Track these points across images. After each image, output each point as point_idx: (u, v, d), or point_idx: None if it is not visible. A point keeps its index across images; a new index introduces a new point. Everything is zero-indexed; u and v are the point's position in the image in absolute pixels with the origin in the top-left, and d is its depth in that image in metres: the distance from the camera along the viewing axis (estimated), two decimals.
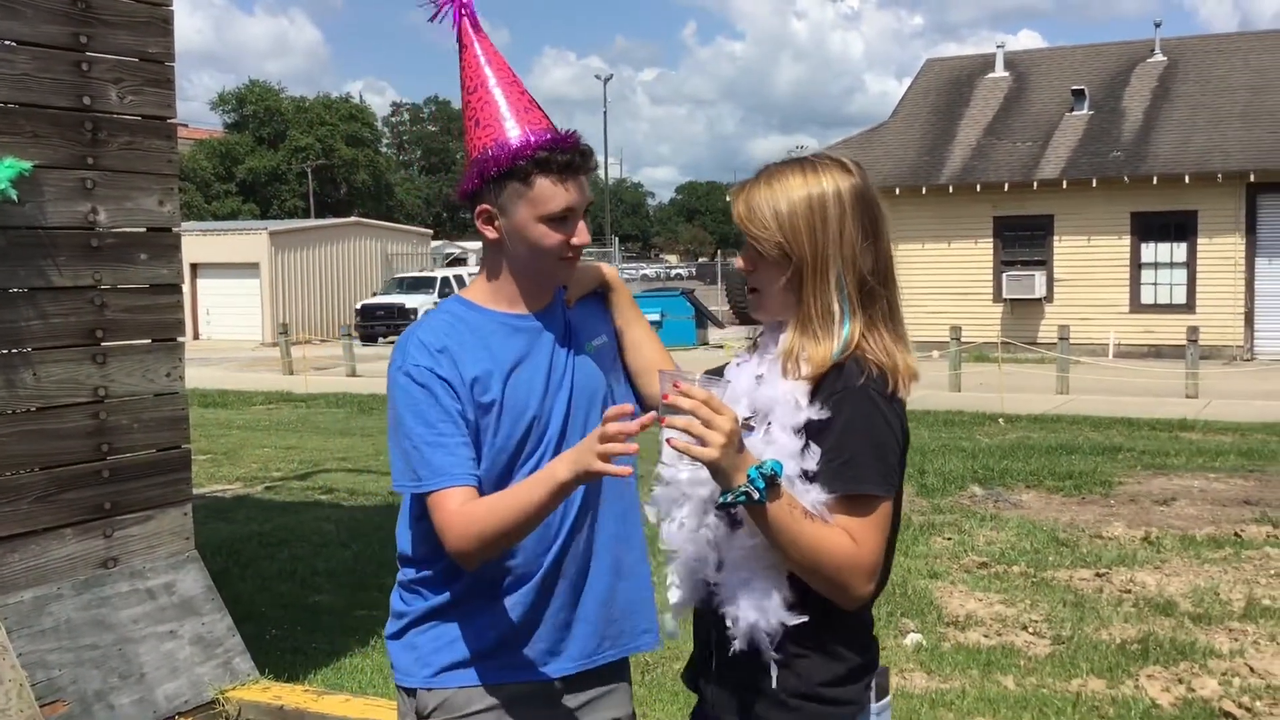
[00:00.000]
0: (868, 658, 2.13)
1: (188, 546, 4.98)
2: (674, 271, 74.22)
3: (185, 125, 64.73)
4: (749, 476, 1.87)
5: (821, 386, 2.02)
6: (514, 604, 2.26)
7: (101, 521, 4.62)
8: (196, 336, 36.58)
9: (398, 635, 2.32)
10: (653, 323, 25.78)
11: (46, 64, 4.42)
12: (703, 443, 1.85)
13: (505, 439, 2.22)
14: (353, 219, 44.64)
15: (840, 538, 1.95)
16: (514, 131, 2.21)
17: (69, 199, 4.50)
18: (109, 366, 4.61)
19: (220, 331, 37.15)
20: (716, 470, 1.88)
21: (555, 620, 2.28)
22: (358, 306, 36.16)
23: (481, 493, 2.17)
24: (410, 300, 34.20)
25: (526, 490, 2.10)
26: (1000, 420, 14.84)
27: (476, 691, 2.25)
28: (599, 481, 2.28)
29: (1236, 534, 8.31)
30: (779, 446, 1.99)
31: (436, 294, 34.02)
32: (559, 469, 2.05)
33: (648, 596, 2.43)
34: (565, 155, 2.18)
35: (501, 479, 2.21)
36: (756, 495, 1.87)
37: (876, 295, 2.07)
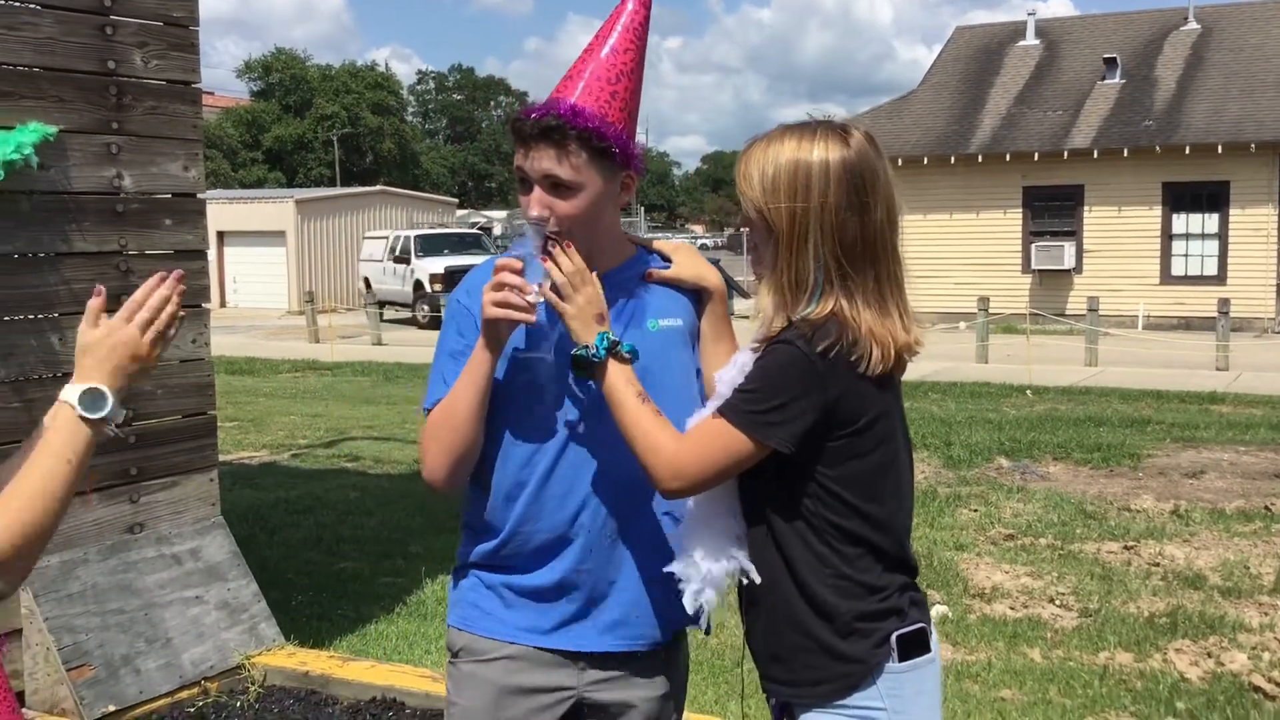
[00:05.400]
0: (872, 609, 2.08)
1: (214, 512, 4.99)
2: (700, 241, 74.01)
3: (212, 93, 64.88)
4: (597, 340, 2.11)
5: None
6: (540, 572, 2.28)
7: (128, 487, 4.63)
8: (223, 304, 36.73)
9: (454, 575, 2.44)
10: None
11: (71, 27, 4.40)
12: (565, 300, 2.12)
13: (512, 382, 2.26)
14: (378, 188, 44.62)
15: (663, 431, 2.08)
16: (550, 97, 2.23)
17: (94, 164, 4.49)
18: None
19: (246, 299, 37.29)
20: (571, 328, 2.13)
21: (581, 594, 2.28)
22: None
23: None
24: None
25: (463, 374, 2.21)
26: (1028, 392, 14.73)
27: (495, 643, 2.31)
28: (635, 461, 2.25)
29: (1267, 508, 8.23)
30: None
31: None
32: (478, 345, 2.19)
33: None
34: (524, 124, 2.19)
35: (522, 418, 2.26)
36: (593, 352, 2.11)
37: (860, 267, 2.05)
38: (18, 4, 4.27)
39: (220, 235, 35.87)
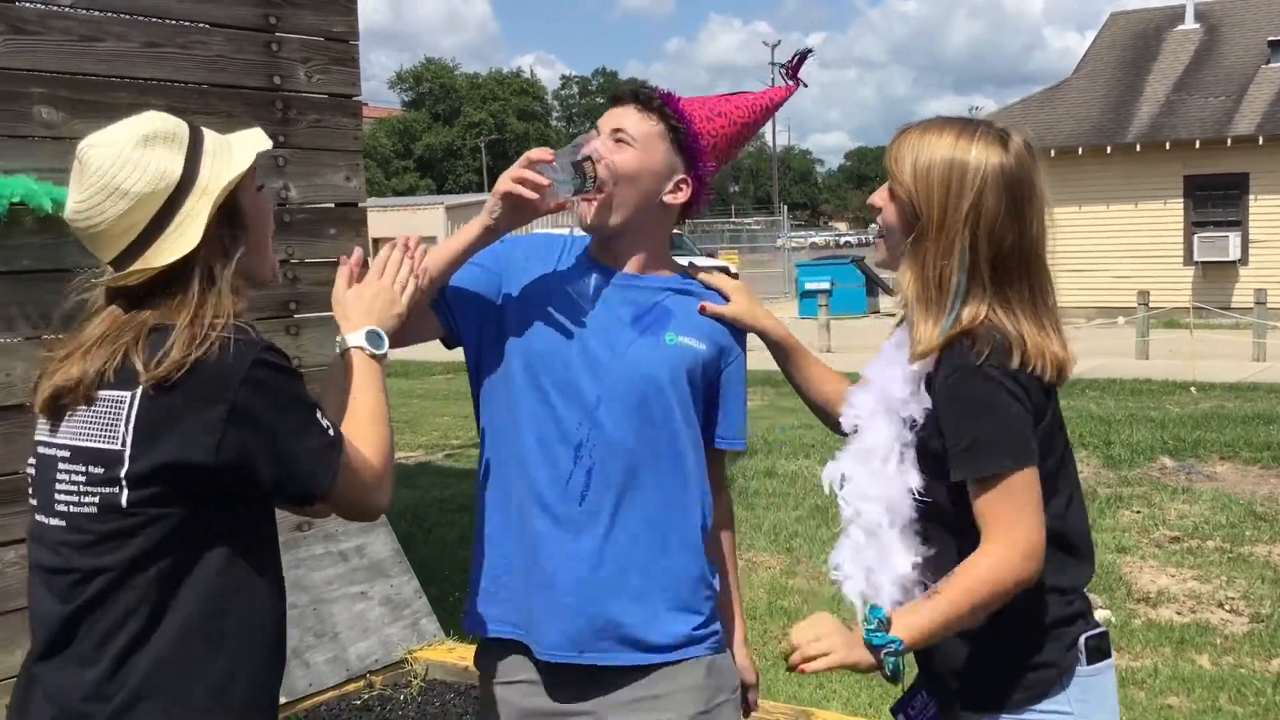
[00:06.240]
0: (1063, 613, 2.03)
1: None
2: (843, 239, 73.14)
3: (366, 104, 66.74)
4: (872, 647, 1.88)
5: (939, 366, 1.98)
6: (534, 578, 2.28)
7: None
8: None
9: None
10: (822, 291, 25.07)
11: (239, 45, 4.59)
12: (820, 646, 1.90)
13: (521, 377, 2.31)
14: None
15: (980, 571, 1.90)
16: None
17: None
18: (302, 338, 4.79)
19: None
20: (853, 662, 1.89)
21: (579, 600, 2.23)
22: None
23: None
24: None
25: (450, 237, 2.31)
26: (1192, 389, 14.19)
27: (514, 660, 2.35)
28: (623, 454, 2.21)
29: None
30: (884, 436, 2.02)
31: None
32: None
33: (685, 601, 2.29)
34: (621, 89, 2.38)
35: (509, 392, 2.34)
36: (893, 666, 1.88)
37: (1014, 277, 2.00)
38: (189, 24, 4.48)
39: (374, 242, 36.85)
